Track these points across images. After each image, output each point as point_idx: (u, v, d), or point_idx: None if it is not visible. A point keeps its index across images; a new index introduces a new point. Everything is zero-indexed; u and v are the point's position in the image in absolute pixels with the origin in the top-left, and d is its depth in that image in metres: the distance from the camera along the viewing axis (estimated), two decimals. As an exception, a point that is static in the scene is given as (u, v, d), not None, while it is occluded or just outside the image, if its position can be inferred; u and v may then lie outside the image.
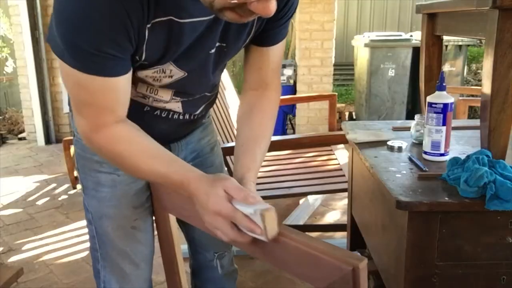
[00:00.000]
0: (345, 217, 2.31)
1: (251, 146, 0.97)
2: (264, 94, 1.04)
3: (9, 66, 5.70)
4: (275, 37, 1.00)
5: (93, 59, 0.76)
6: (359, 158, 1.41)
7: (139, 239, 1.13)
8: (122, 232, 1.11)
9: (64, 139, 3.39)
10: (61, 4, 0.74)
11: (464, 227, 1.03)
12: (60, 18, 0.75)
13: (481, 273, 1.06)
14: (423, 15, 1.56)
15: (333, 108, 3.15)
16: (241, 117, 1.04)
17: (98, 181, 1.06)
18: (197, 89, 1.03)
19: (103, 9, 0.72)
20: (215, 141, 1.29)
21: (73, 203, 3.16)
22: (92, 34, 0.74)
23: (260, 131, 1.00)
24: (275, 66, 1.05)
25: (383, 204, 1.24)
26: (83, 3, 0.72)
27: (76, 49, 0.75)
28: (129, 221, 1.09)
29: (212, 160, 1.26)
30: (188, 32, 0.84)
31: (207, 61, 0.94)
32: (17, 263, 2.35)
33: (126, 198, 1.07)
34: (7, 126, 5.28)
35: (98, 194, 1.07)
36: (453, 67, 4.47)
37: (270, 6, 0.70)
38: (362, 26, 7.04)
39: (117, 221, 1.09)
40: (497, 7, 1.03)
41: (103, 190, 1.07)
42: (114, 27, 0.74)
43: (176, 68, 0.90)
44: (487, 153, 1.12)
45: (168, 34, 0.81)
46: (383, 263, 1.29)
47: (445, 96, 1.22)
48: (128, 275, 1.15)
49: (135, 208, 1.09)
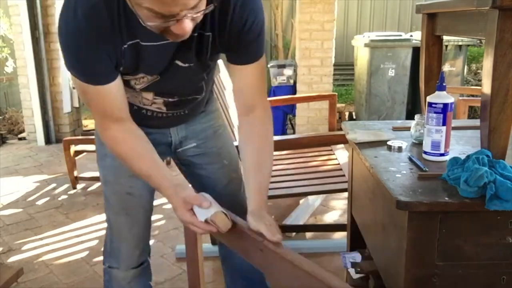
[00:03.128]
0: (345, 217, 2.31)
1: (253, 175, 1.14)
2: (253, 118, 1.17)
3: (9, 66, 5.69)
4: (246, 55, 1.12)
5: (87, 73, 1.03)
6: (359, 158, 1.41)
7: (133, 204, 1.34)
8: (118, 199, 1.34)
9: (64, 139, 3.40)
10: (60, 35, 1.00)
11: (464, 227, 1.03)
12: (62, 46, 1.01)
13: (481, 273, 1.06)
14: (423, 15, 1.56)
15: (333, 108, 3.15)
16: (240, 146, 1.20)
17: (105, 153, 1.29)
18: (175, 91, 1.20)
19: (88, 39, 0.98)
20: (219, 125, 1.42)
21: (73, 203, 3.16)
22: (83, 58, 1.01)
23: (260, 158, 1.15)
24: (256, 86, 1.16)
25: (383, 204, 1.24)
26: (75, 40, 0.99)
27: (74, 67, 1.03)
28: (125, 188, 1.31)
29: (215, 141, 1.39)
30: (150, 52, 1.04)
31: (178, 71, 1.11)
32: (17, 263, 2.35)
33: (122, 168, 1.22)
34: (7, 126, 5.28)
35: (104, 163, 1.32)
36: (453, 67, 4.47)
37: (184, 27, 0.88)
38: (362, 26, 7.04)
39: (117, 186, 1.32)
40: (497, 7, 1.03)
41: (107, 160, 1.30)
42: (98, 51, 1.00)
43: (147, 75, 1.11)
44: (487, 153, 1.11)
45: (136, 53, 1.04)
46: (383, 263, 1.29)
47: (445, 96, 1.22)
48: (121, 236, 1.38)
49: (130, 177, 1.28)
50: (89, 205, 3.12)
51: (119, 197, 1.34)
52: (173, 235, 2.64)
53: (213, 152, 1.39)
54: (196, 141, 1.37)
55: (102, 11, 0.95)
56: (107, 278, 1.44)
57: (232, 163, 1.45)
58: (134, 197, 1.33)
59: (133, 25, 0.97)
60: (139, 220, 1.38)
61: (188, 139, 1.36)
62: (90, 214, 2.97)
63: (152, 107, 1.22)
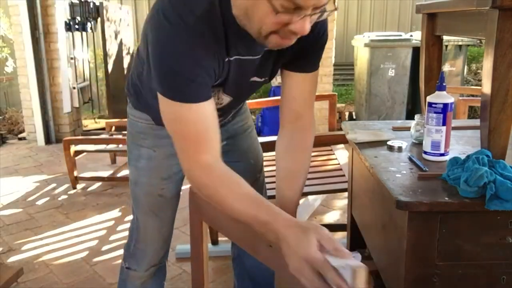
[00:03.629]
0: (345, 217, 2.31)
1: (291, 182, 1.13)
2: (299, 126, 1.15)
3: (9, 66, 5.70)
4: (308, 64, 1.11)
5: (187, 87, 0.90)
6: (359, 158, 1.41)
7: (164, 205, 1.35)
8: (150, 198, 1.33)
9: (64, 139, 3.40)
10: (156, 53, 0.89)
11: (464, 227, 1.03)
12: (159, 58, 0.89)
13: (481, 273, 1.06)
14: (423, 15, 1.56)
15: (333, 108, 3.15)
16: (281, 151, 1.16)
17: (139, 154, 1.30)
18: (237, 107, 1.25)
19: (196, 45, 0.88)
20: (249, 125, 1.45)
21: (73, 203, 3.16)
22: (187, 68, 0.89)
23: (299, 166, 1.15)
24: (308, 95, 1.14)
25: (383, 204, 1.24)
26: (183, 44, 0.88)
27: (173, 80, 0.90)
28: (157, 189, 1.32)
29: (244, 139, 1.42)
30: (235, 65, 1.00)
31: (250, 87, 1.13)
32: (17, 263, 2.35)
33: (156, 170, 1.29)
34: (7, 126, 5.28)
35: (138, 164, 1.31)
36: (453, 67, 4.47)
37: (305, 26, 0.83)
38: (362, 26, 7.05)
39: (148, 187, 1.32)
40: (497, 7, 1.03)
41: (141, 161, 1.30)
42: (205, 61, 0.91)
43: (223, 94, 1.09)
44: (487, 153, 1.11)
45: (238, 65, 0.99)
46: (383, 263, 1.29)
47: (445, 96, 1.22)
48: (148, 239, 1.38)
49: (162, 179, 1.31)
50: (89, 205, 3.12)
51: (151, 199, 1.33)
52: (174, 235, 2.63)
53: (241, 151, 1.42)
54: (227, 139, 1.37)
55: (209, 18, 0.89)
56: (123, 277, 1.45)
57: (258, 164, 1.47)
58: (165, 199, 1.34)
59: (230, 38, 0.93)
60: (167, 221, 1.39)
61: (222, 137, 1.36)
62: (90, 214, 2.97)
63: None
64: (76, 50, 4.85)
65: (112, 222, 2.84)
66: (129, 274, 1.43)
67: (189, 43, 0.88)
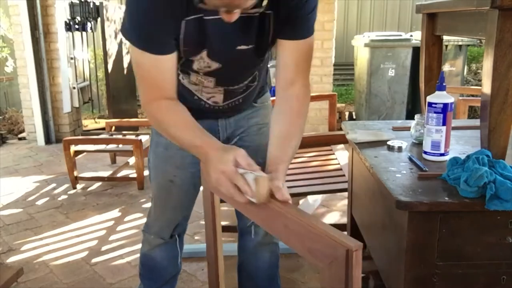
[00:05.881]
0: (345, 217, 2.32)
1: (281, 143, 1.12)
2: (292, 93, 1.16)
3: (9, 66, 5.70)
4: (298, 30, 1.12)
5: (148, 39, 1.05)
6: (359, 158, 1.41)
7: (172, 191, 1.45)
8: (161, 182, 1.45)
9: (64, 139, 3.40)
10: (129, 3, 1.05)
11: (464, 227, 1.03)
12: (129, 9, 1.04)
13: (481, 273, 1.06)
14: (423, 15, 1.56)
15: (333, 108, 3.15)
16: (273, 117, 1.18)
17: (158, 141, 1.41)
18: (236, 79, 1.25)
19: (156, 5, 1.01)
20: (264, 123, 1.44)
21: (73, 203, 3.16)
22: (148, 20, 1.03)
23: (290, 129, 1.14)
24: (301, 63, 1.16)
25: (383, 204, 1.24)
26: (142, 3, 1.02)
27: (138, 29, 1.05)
28: (169, 176, 1.42)
29: (257, 138, 1.43)
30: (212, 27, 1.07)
31: (238, 57, 1.14)
32: (17, 263, 2.35)
33: (172, 158, 1.39)
34: (7, 126, 5.28)
35: (156, 150, 1.43)
36: (453, 67, 4.47)
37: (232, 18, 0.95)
38: (362, 26, 7.05)
39: (162, 172, 1.43)
40: (497, 7, 1.03)
41: (159, 148, 1.42)
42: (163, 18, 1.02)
43: (210, 60, 1.14)
44: (487, 153, 1.11)
45: (200, 28, 1.06)
46: (383, 263, 1.29)
47: (445, 96, 1.22)
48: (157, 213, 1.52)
49: (177, 168, 1.40)
50: (89, 205, 3.12)
51: (163, 183, 1.45)
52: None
53: (251, 148, 1.38)
54: (240, 134, 1.42)
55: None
56: (143, 239, 1.60)
57: None
58: (174, 185, 1.43)
59: None
60: (172, 207, 1.49)
61: (234, 136, 1.42)
62: (90, 214, 2.97)
63: (210, 101, 1.29)
64: (76, 50, 4.85)
65: (112, 222, 2.84)
66: (144, 236, 1.59)
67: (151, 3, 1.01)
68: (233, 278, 1.73)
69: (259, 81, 1.33)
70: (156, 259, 1.58)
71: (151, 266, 1.60)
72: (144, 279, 1.65)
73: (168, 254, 1.59)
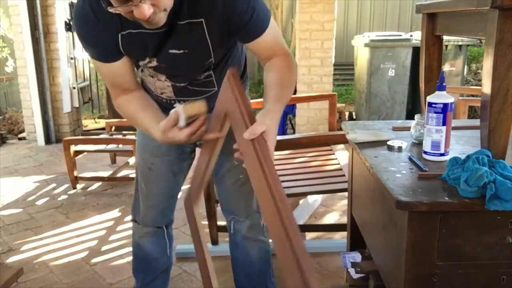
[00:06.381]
0: (345, 217, 2.31)
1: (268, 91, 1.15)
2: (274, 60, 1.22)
3: (9, 66, 5.70)
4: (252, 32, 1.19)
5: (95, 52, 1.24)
6: (359, 158, 1.41)
7: (151, 179, 1.55)
8: (142, 169, 1.56)
9: (64, 139, 3.40)
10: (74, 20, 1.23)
11: (464, 227, 1.03)
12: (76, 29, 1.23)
13: (481, 273, 1.06)
14: (423, 15, 1.56)
15: (333, 108, 3.15)
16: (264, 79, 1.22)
17: (139, 131, 1.53)
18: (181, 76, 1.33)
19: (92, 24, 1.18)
20: None
21: (73, 203, 3.16)
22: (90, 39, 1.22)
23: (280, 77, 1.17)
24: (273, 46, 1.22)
25: (383, 204, 1.24)
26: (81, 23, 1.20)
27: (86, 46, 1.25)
28: (147, 163, 1.53)
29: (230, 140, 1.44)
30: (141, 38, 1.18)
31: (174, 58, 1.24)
32: (17, 263, 2.35)
33: (148, 146, 1.50)
34: (7, 126, 5.28)
35: (138, 138, 1.56)
36: (453, 67, 4.47)
37: (142, 12, 0.99)
38: (362, 26, 7.05)
39: (141, 160, 1.55)
40: (497, 7, 1.03)
41: (139, 136, 1.55)
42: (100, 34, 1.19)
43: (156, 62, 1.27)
44: (487, 153, 1.12)
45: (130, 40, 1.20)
46: (383, 263, 1.29)
47: (445, 96, 1.22)
48: (141, 200, 1.59)
49: (152, 156, 1.51)
50: (89, 205, 3.12)
51: (142, 170, 1.56)
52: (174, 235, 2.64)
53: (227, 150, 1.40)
54: None
55: (102, 2, 1.06)
56: (132, 229, 1.68)
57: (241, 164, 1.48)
58: (153, 172, 1.53)
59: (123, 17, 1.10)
60: (154, 193, 1.56)
61: None
62: (90, 214, 2.97)
63: (163, 95, 1.39)
64: (76, 50, 4.85)
65: (112, 222, 2.84)
66: (133, 225, 1.66)
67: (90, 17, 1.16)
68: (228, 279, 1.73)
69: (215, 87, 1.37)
70: (146, 249, 1.64)
71: (143, 257, 1.66)
72: (137, 272, 1.70)
73: (157, 245, 1.65)
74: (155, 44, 1.21)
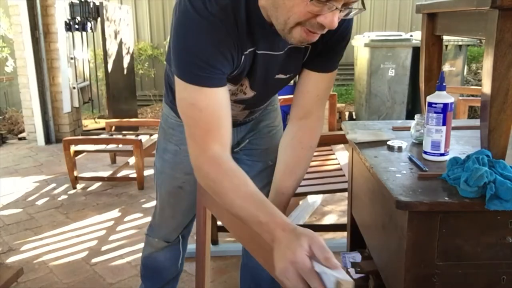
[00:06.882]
0: (345, 217, 2.32)
1: (288, 174, 1.16)
2: (306, 124, 1.17)
3: (9, 66, 5.70)
4: (327, 64, 1.13)
5: (205, 71, 0.93)
6: (359, 158, 1.41)
7: (181, 196, 1.43)
8: (169, 189, 1.44)
9: (64, 139, 3.40)
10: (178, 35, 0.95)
11: (464, 227, 1.03)
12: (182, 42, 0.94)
13: (481, 273, 1.06)
14: (423, 15, 1.56)
15: (333, 108, 3.15)
16: (284, 146, 1.20)
17: (166, 148, 1.40)
18: (261, 103, 1.26)
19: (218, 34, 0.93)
20: (275, 126, 1.46)
21: (73, 203, 3.16)
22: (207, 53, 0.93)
23: (299, 161, 1.17)
24: (321, 94, 1.16)
25: (383, 204, 1.23)
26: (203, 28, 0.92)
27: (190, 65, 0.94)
28: (178, 182, 1.41)
29: (267, 141, 1.43)
30: (261, 60, 1.04)
31: (274, 84, 1.15)
32: (17, 263, 2.35)
33: (181, 165, 1.37)
34: (7, 126, 5.28)
35: (164, 156, 1.41)
36: (453, 67, 4.47)
37: (334, 19, 0.86)
38: (362, 26, 7.04)
39: (170, 179, 1.42)
40: (497, 7, 1.03)
41: (167, 154, 1.40)
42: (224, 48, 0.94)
43: (250, 89, 1.12)
44: (487, 153, 1.11)
45: (251, 61, 1.03)
46: (383, 263, 1.29)
47: (445, 96, 1.22)
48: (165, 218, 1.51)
49: (185, 174, 1.37)
50: (89, 205, 3.12)
51: (171, 189, 1.43)
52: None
53: (261, 150, 1.43)
54: (250, 138, 1.42)
55: (233, 10, 0.94)
56: (145, 242, 1.60)
57: None
58: (184, 191, 1.42)
59: (253, 31, 0.97)
60: (182, 212, 1.48)
61: (244, 139, 1.41)
62: (90, 214, 2.97)
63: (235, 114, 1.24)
64: (76, 50, 4.85)
65: (112, 222, 2.84)
66: (147, 240, 1.58)
67: (209, 29, 0.91)
68: (233, 278, 1.73)
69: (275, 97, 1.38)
70: (158, 260, 1.58)
71: (154, 268, 1.60)
72: (146, 279, 1.65)
73: (171, 255, 1.59)
74: (274, 68, 1.08)
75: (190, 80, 0.95)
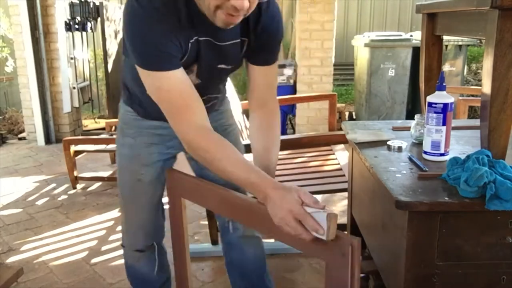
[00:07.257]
0: (345, 217, 2.32)
1: (265, 155, 1.25)
2: (267, 111, 1.30)
3: (9, 66, 5.70)
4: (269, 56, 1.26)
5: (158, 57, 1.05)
6: (359, 158, 1.41)
7: (141, 190, 1.44)
8: (129, 184, 1.44)
9: (64, 139, 3.40)
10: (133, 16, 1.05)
11: (464, 227, 1.03)
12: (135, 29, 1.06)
13: (481, 273, 1.06)
14: (423, 15, 1.56)
15: (333, 108, 3.15)
16: (254, 132, 1.30)
17: (123, 143, 1.43)
18: (205, 92, 1.28)
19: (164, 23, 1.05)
20: (229, 124, 1.53)
21: (73, 203, 3.16)
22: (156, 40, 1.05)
23: (271, 141, 1.28)
24: (271, 84, 1.31)
25: (383, 204, 1.24)
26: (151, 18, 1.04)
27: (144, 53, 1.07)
28: (137, 175, 1.42)
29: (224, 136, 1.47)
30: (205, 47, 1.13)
31: (217, 74, 1.26)
32: (17, 263, 2.35)
33: (137, 157, 1.40)
34: (7, 126, 5.28)
35: (122, 151, 1.44)
36: (453, 67, 4.47)
37: (244, 1, 0.98)
38: (362, 26, 7.05)
39: (129, 172, 1.43)
40: (497, 7, 1.03)
41: (125, 149, 1.43)
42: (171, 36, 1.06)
43: (195, 77, 1.20)
44: (487, 153, 1.12)
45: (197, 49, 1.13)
46: (383, 263, 1.29)
47: (445, 96, 1.22)
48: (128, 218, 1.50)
49: (143, 165, 1.41)
50: (89, 205, 3.12)
51: (131, 183, 1.44)
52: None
53: None
54: None
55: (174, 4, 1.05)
56: (123, 254, 1.59)
57: None
58: (143, 183, 1.43)
59: (193, 21, 1.08)
60: (144, 207, 1.47)
61: None
62: (90, 214, 2.97)
63: None
64: (76, 50, 4.85)
65: (112, 222, 2.84)
66: (124, 251, 1.57)
67: (156, 21, 1.03)
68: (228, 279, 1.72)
69: (223, 92, 1.46)
70: (142, 271, 1.57)
71: (140, 279, 1.60)
72: None
73: (152, 266, 1.57)
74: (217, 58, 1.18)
75: (149, 67, 1.07)
